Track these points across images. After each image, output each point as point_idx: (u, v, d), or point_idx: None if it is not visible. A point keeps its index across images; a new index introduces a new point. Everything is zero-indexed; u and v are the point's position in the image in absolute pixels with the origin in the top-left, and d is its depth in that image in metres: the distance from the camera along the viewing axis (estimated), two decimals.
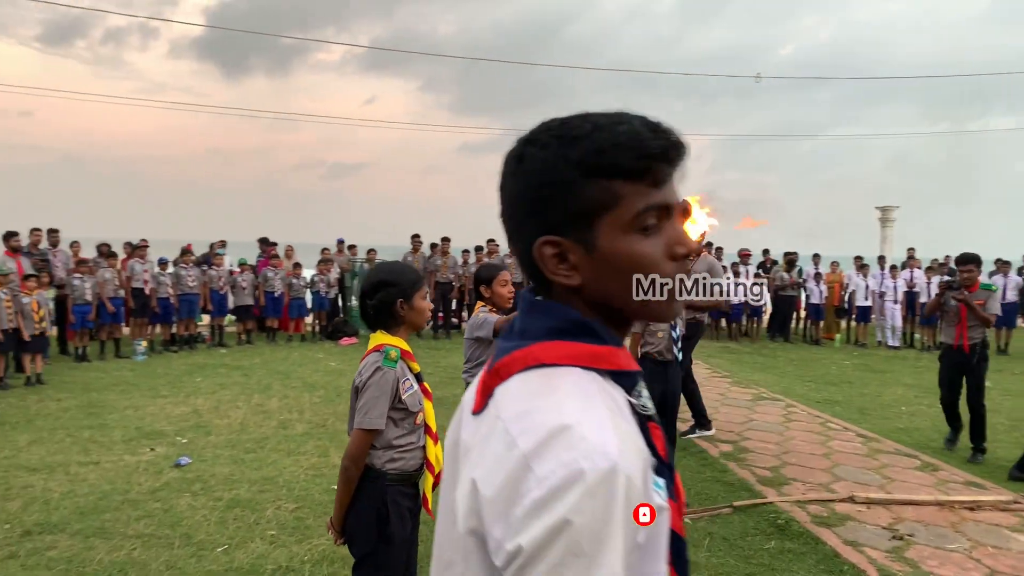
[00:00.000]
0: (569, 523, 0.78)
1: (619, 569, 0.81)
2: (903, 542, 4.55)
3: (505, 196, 0.99)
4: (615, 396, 0.94)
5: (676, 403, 5.34)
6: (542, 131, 0.96)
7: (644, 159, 0.92)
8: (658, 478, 0.94)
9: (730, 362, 12.33)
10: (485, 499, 0.85)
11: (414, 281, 2.73)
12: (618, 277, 0.95)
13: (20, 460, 5.99)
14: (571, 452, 0.81)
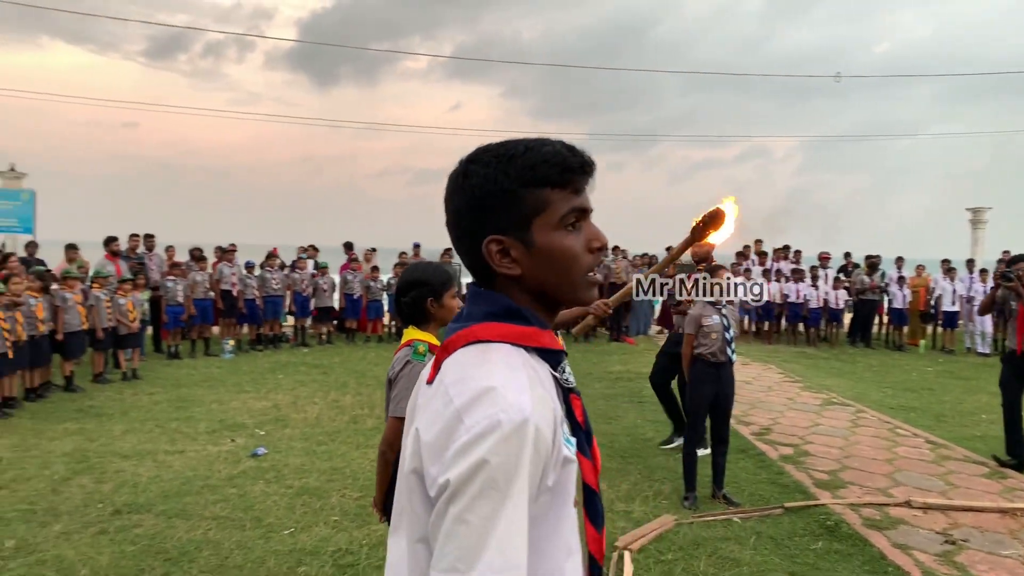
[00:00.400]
0: (487, 462, 0.98)
1: (525, 500, 1.00)
2: (955, 546, 4.50)
3: (452, 207, 1.20)
4: (536, 367, 1.13)
5: (729, 404, 5.39)
6: (482, 153, 1.18)
7: (566, 172, 1.15)
8: (571, 436, 1.12)
9: (804, 367, 12.12)
10: (425, 444, 1.06)
11: (444, 281, 2.94)
12: (550, 267, 1.17)
13: (115, 447, 6.50)
14: (493, 407, 1.01)
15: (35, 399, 8.41)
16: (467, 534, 0.98)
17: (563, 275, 1.17)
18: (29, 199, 14.63)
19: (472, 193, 1.16)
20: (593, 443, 1.23)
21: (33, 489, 5.39)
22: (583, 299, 1.21)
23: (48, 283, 9.07)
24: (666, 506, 5.25)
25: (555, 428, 1.07)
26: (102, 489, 5.40)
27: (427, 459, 1.05)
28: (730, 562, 4.27)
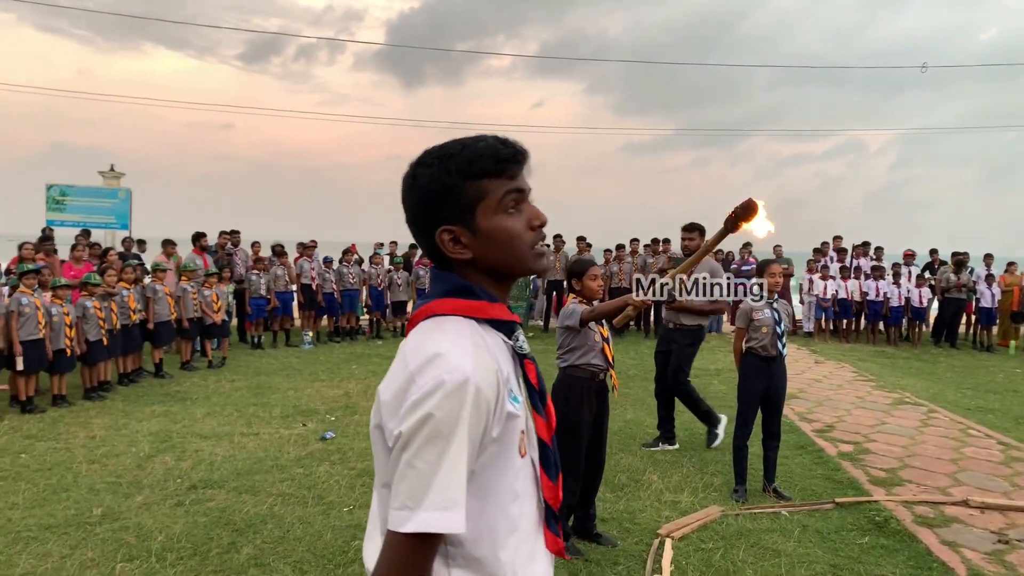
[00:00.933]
0: (432, 415, 1.16)
1: (465, 448, 1.17)
2: (1007, 546, 4.42)
3: (408, 206, 1.38)
4: (485, 336, 1.29)
5: (781, 398, 5.39)
6: (426, 156, 1.36)
7: (500, 162, 1.32)
8: (517, 396, 1.28)
9: (881, 366, 11.81)
10: (384, 402, 1.24)
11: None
12: (496, 246, 1.34)
13: (196, 429, 6.95)
14: (439, 370, 1.18)
15: (128, 383, 9.01)
16: (416, 477, 1.16)
17: (508, 252, 1.34)
18: (126, 197, 15.60)
19: (421, 192, 1.34)
20: (548, 402, 1.39)
21: (120, 464, 5.84)
22: (533, 269, 1.37)
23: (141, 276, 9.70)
24: (715, 498, 5.29)
25: (498, 388, 1.23)
26: (181, 466, 5.81)
27: (386, 415, 1.23)
28: (770, 552, 4.32)
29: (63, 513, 4.79)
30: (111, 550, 4.22)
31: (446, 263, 1.36)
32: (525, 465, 1.32)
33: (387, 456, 1.23)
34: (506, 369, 1.29)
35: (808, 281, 15.04)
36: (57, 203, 15.07)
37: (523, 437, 1.31)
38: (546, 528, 1.39)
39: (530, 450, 1.36)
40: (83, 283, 8.49)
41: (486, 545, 1.25)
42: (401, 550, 1.16)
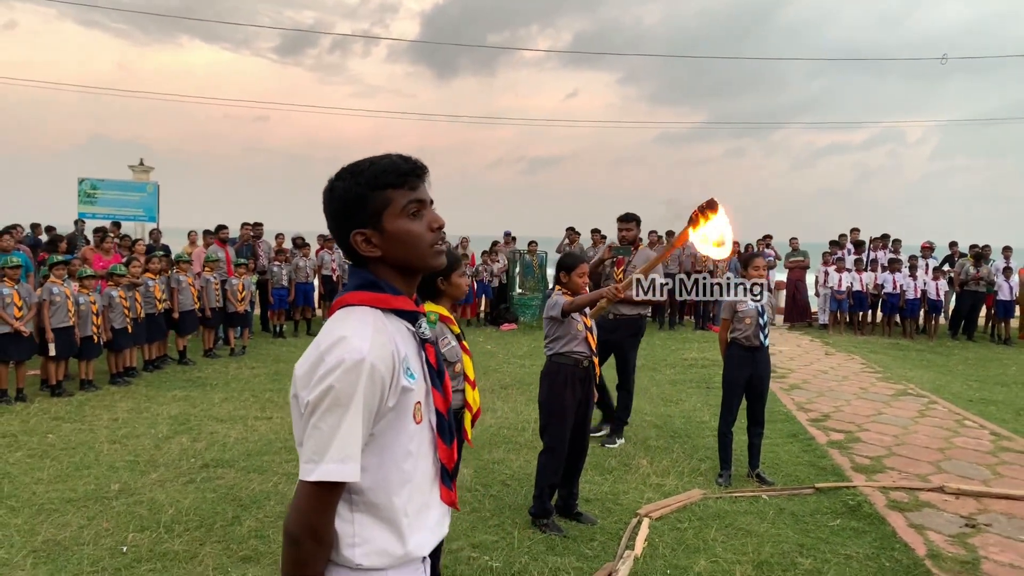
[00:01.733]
0: (333, 387, 1.41)
1: (360, 414, 1.42)
2: (973, 529, 4.59)
3: (328, 213, 1.63)
4: (387, 323, 1.54)
5: (764, 386, 5.58)
6: (342, 172, 1.62)
7: (400, 176, 1.58)
8: (413, 371, 1.54)
9: (892, 359, 11.89)
10: (298, 376, 1.50)
11: (452, 263, 3.39)
12: (401, 245, 1.60)
13: (212, 412, 7.31)
14: (341, 350, 1.44)
15: (152, 370, 9.43)
16: (319, 436, 1.42)
17: (411, 250, 1.59)
18: (154, 191, 16.10)
19: (337, 202, 1.60)
20: (445, 379, 1.65)
21: (140, 444, 6.20)
22: (432, 265, 1.62)
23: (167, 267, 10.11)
24: (700, 483, 5.51)
25: (394, 366, 1.49)
26: (196, 447, 6.15)
27: (299, 387, 1.49)
28: (742, 532, 4.53)
29: (83, 488, 5.14)
30: (125, 522, 4.56)
31: (361, 261, 1.62)
32: (420, 430, 1.58)
33: (299, 421, 1.50)
34: (404, 351, 1.54)
35: (824, 273, 15.09)
36: (88, 196, 15.60)
37: (418, 407, 1.56)
38: (441, 483, 1.65)
39: (428, 416, 1.61)
40: (109, 273, 8.89)
41: (383, 494, 1.51)
42: (309, 496, 1.42)
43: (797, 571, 4.02)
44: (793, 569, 4.04)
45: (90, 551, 4.13)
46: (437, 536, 1.63)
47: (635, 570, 3.98)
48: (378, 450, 1.50)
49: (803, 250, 15.84)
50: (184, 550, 4.17)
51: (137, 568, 3.94)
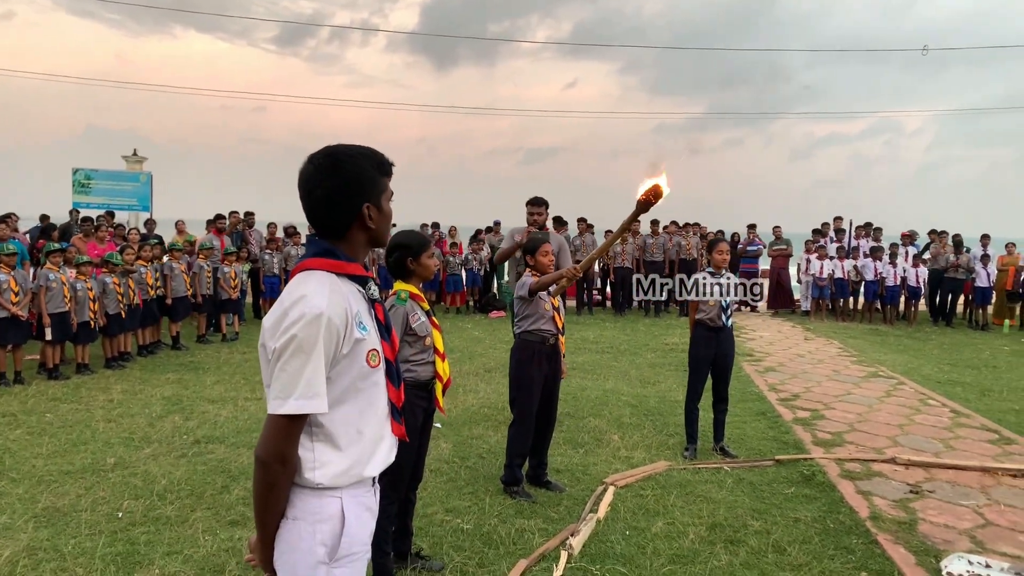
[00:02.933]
0: (296, 336, 1.70)
1: (321, 360, 1.70)
2: (917, 495, 4.89)
3: (327, 185, 1.86)
4: (341, 285, 1.82)
5: (728, 364, 5.86)
6: (344, 151, 1.89)
7: (389, 167, 1.92)
8: (365, 325, 1.82)
9: (869, 343, 12.20)
10: (266, 328, 1.78)
11: (422, 243, 3.66)
12: (385, 223, 1.94)
13: (204, 394, 7.59)
14: (303, 306, 1.72)
15: (146, 355, 9.70)
16: (285, 378, 1.70)
17: (387, 228, 1.96)
18: (147, 181, 16.34)
19: (349, 177, 1.87)
20: (392, 332, 1.95)
21: (134, 423, 6.48)
22: (386, 242, 1.94)
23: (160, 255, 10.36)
24: (667, 455, 5.80)
25: (347, 320, 1.77)
26: (188, 425, 6.43)
27: (267, 337, 1.77)
28: (701, 499, 4.83)
29: (81, 462, 5.42)
30: (120, 491, 4.83)
31: (332, 230, 1.89)
32: (374, 373, 1.86)
33: (267, 366, 1.78)
34: (356, 308, 1.82)
35: (806, 261, 15.40)
36: (83, 186, 15.83)
37: (371, 353, 1.84)
38: (392, 419, 1.94)
39: (382, 363, 1.89)
40: (104, 261, 9.15)
41: (340, 426, 1.79)
42: (277, 427, 1.71)
43: (747, 531, 4.32)
44: (744, 530, 4.34)
45: (88, 516, 4.41)
46: (386, 462, 1.92)
47: (596, 531, 4.27)
48: (335, 389, 1.78)
49: (786, 238, 16.15)
50: (176, 515, 4.45)
51: (132, 531, 4.22)
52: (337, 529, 1.78)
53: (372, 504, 1.90)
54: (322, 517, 1.77)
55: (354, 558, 1.82)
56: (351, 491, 1.82)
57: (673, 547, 4.08)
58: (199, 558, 3.87)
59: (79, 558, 3.85)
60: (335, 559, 1.78)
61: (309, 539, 1.76)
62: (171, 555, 3.90)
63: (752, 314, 15.96)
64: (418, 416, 3.69)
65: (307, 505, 1.78)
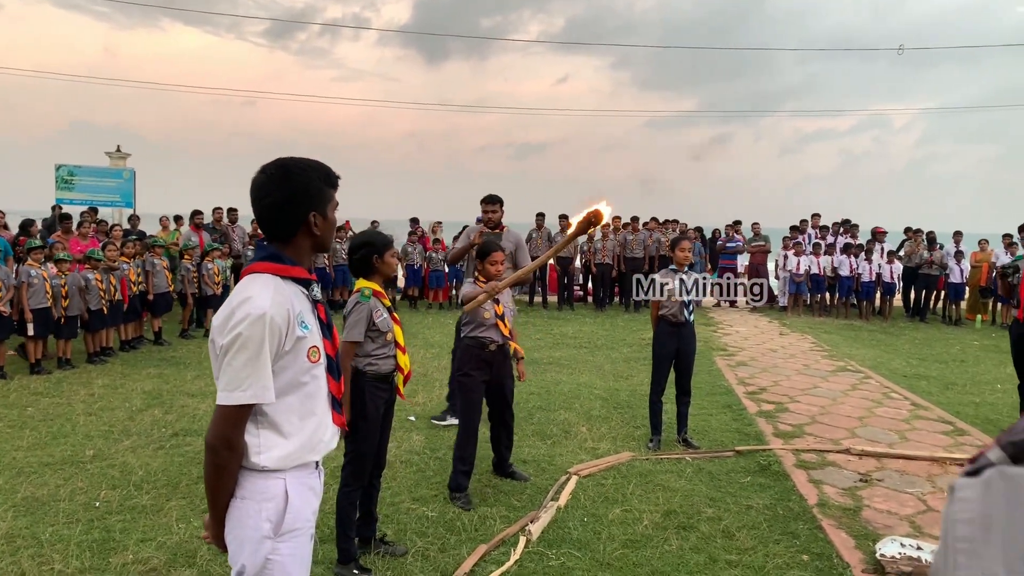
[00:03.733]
0: (241, 334, 1.87)
1: (266, 355, 1.88)
2: (865, 483, 5.11)
3: (273, 193, 2.03)
4: (284, 287, 1.99)
5: (690, 359, 6.04)
6: (295, 163, 2.05)
7: (336, 179, 2.09)
8: (307, 324, 1.99)
9: (843, 338, 12.45)
10: (215, 326, 1.95)
11: (385, 243, 3.84)
12: (329, 231, 2.10)
13: (184, 388, 7.74)
14: (248, 306, 1.89)
15: (129, 350, 9.82)
16: (233, 371, 1.88)
17: (330, 236, 2.13)
18: (130, 177, 16.43)
19: (297, 187, 2.04)
20: (333, 331, 2.12)
21: (114, 416, 6.62)
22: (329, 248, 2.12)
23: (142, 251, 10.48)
24: (632, 447, 6.00)
25: (289, 319, 1.95)
26: (167, 418, 6.58)
27: (216, 334, 1.94)
28: (659, 487, 5.03)
29: (60, 454, 5.56)
30: (98, 481, 4.99)
31: (280, 236, 2.06)
32: (314, 367, 2.04)
33: (216, 360, 1.95)
34: (298, 308, 2.00)
35: (783, 257, 15.65)
36: (66, 182, 15.90)
37: (312, 350, 2.02)
38: (332, 410, 2.11)
39: (322, 357, 2.07)
40: (86, 257, 9.26)
41: (283, 415, 1.97)
42: (225, 416, 1.89)
43: (701, 518, 4.52)
44: (697, 516, 4.54)
45: (66, 506, 4.57)
46: (328, 448, 2.10)
47: (556, 518, 4.47)
48: (279, 382, 1.96)
49: (764, 235, 16.39)
50: (152, 504, 4.61)
51: (108, 519, 4.38)
52: (281, 507, 1.96)
53: (315, 484, 2.08)
54: (267, 496, 1.95)
55: (297, 533, 2.00)
56: (294, 473, 2.00)
57: (627, 532, 4.28)
58: (172, 544, 4.04)
59: (56, 545, 4.01)
60: (279, 534, 1.96)
61: (256, 516, 1.94)
62: (145, 542, 4.07)
63: (731, 309, 16.21)
64: (380, 407, 3.86)
65: (254, 486, 1.95)
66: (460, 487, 4.80)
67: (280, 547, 1.97)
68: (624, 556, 3.99)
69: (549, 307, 15.20)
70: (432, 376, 8.41)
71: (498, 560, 3.92)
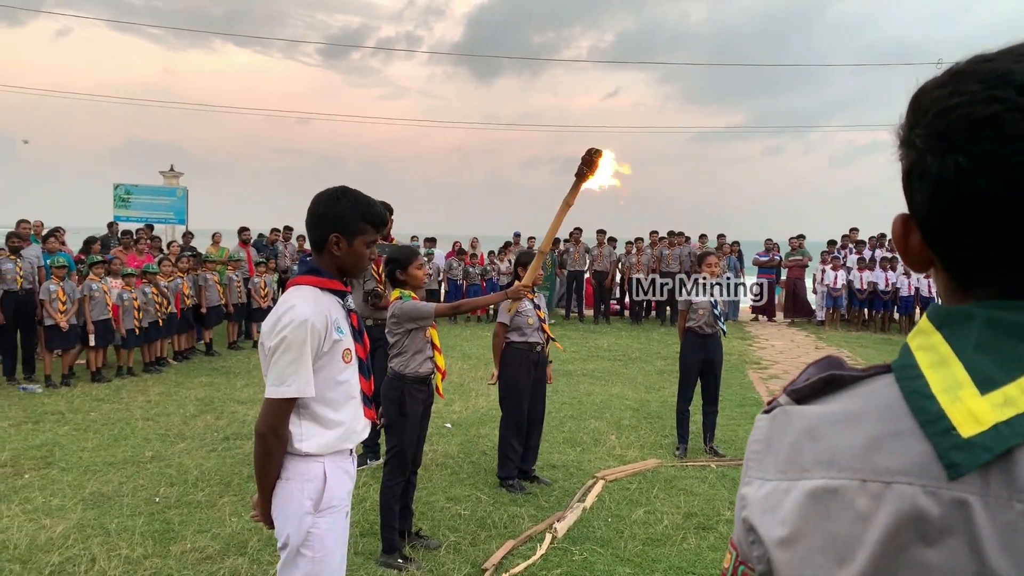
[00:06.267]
0: (287, 337, 2.20)
1: (308, 356, 2.19)
2: None
3: (314, 207, 2.37)
4: (321, 297, 2.31)
5: (717, 369, 6.25)
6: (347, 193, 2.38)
7: (379, 220, 2.38)
8: (342, 329, 2.31)
9: (879, 352, 12.47)
10: (263, 331, 2.28)
11: (407, 256, 4.18)
12: (350, 258, 2.38)
13: (234, 396, 8.16)
14: (292, 313, 2.22)
15: (181, 360, 10.32)
16: (279, 369, 2.20)
17: (355, 264, 2.40)
18: (183, 195, 17.14)
19: (332, 210, 2.36)
20: (364, 336, 2.44)
21: (170, 421, 7.05)
22: (357, 276, 2.43)
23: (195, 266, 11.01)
24: (659, 455, 6.22)
25: (327, 324, 2.26)
26: (219, 423, 6.99)
27: (264, 338, 2.27)
28: (682, 491, 5.25)
29: (122, 455, 5.98)
30: (157, 480, 5.38)
31: (312, 248, 2.39)
32: (348, 367, 2.35)
33: (265, 360, 2.28)
34: (335, 315, 2.32)
35: (821, 271, 15.67)
36: (123, 201, 16.65)
37: (346, 352, 2.34)
38: (364, 405, 2.43)
39: (354, 359, 2.38)
40: (143, 272, 9.79)
41: (321, 407, 2.28)
42: (272, 408, 2.21)
43: (720, 519, 4.73)
44: (716, 518, 4.76)
45: (129, 500, 4.96)
46: (361, 438, 2.43)
47: (581, 518, 4.72)
48: (317, 379, 2.27)
49: (804, 249, 16.41)
50: (206, 500, 4.98)
51: (167, 513, 4.75)
52: (320, 487, 2.27)
53: (349, 468, 2.40)
54: (309, 478, 2.27)
55: (334, 510, 2.31)
56: (332, 458, 2.31)
57: (648, 532, 4.52)
58: (225, 535, 4.39)
59: (122, 534, 4.39)
60: (319, 510, 2.28)
61: (298, 495, 2.26)
62: (201, 533, 4.43)
63: (769, 324, 16.25)
64: (418, 406, 4.17)
65: (297, 468, 2.27)
66: (511, 475, 5.28)
67: (319, 522, 2.28)
68: (644, 553, 4.23)
69: (585, 320, 15.43)
70: (469, 386, 8.73)
71: (525, 554, 4.19)
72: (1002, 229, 0.65)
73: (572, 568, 4.06)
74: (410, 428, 4.16)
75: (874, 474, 0.64)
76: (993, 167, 0.63)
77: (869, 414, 0.67)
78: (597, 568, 4.05)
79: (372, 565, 4.06)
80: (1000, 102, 0.63)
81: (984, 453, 0.60)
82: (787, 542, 0.67)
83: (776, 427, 0.74)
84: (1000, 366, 0.63)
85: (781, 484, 0.70)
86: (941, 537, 0.60)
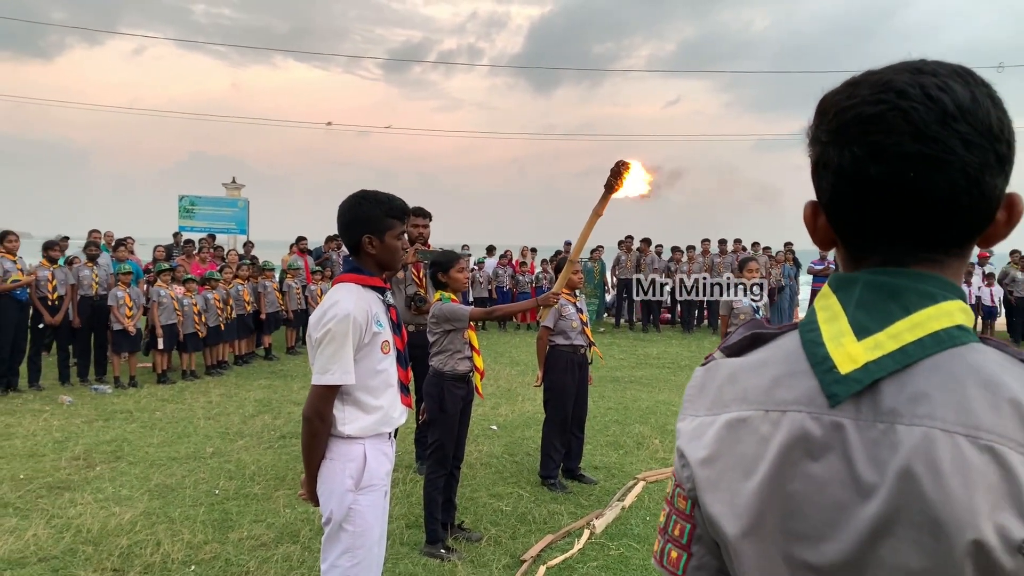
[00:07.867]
0: (331, 329, 2.41)
1: (351, 347, 2.40)
2: None
3: (343, 215, 2.59)
4: (363, 293, 2.52)
5: None
6: (367, 196, 2.58)
7: (404, 214, 2.55)
8: (381, 322, 2.51)
9: None
10: (311, 324, 2.50)
11: (448, 261, 4.38)
12: (386, 253, 2.57)
13: (291, 398, 8.48)
14: (337, 308, 2.44)
15: (242, 364, 10.73)
16: (324, 358, 2.41)
17: (392, 257, 2.60)
18: (244, 206, 17.77)
19: (358, 214, 2.57)
20: (402, 329, 2.63)
21: (230, 421, 7.39)
22: (396, 269, 2.63)
23: (255, 274, 11.45)
24: None
25: (367, 318, 2.47)
26: (276, 423, 7.30)
27: (311, 330, 2.49)
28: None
29: (184, 451, 6.32)
30: (217, 474, 5.68)
31: (355, 253, 2.60)
32: (387, 358, 2.55)
33: (312, 351, 2.49)
34: (375, 310, 2.52)
35: None
36: (188, 211, 17.33)
37: (384, 343, 2.53)
38: (401, 393, 2.62)
39: (392, 350, 2.58)
40: (205, 279, 10.23)
41: (362, 393, 2.48)
42: (318, 394, 2.42)
43: None
44: None
45: (191, 492, 5.26)
46: (398, 423, 2.62)
47: (620, 516, 4.84)
48: (359, 368, 2.47)
49: None
50: (262, 493, 5.25)
51: (226, 504, 5.03)
52: (361, 467, 2.47)
53: (388, 451, 2.60)
54: (350, 458, 2.47)
55: (374, 488, 2.50)
56: (372, 440, 2.51)
57: None
58: (279, 525, 4.64)
59: (184, 522, 4.67)
60: (360, 488, 2.48)
61: (341, 474, 2.46)
62: (257, 522, 4.69)
63: None
64: (458, 403, 4.36)
65: (339, 449, 2.47)
66: (552, 474, 5.44)
67: (360, 499, 2.48)
68: None
69: (635, 328, 15.47)
70: (516, 391, 8.89)
71: (563, 548, 4.33)
72: (885, 209, 0.79)
73: (608, 562, 4.19)
74: (449, 424, 4.34)
75: (774, 405, 0.80)
76: (880, 156, 0.78)
77: (776, 360, 0.83)
78: (632, 563, 4.17)
79: (416, 554, 4.26)
80: (885, 103, 0.78)
81: (855, 384, 0.75)
82: (707, 461, 0.83)
83: (708, 375, 0.90)
84: (874, 318, 0.78)
85: (707, 419, 0.85)
86: (823, 453, 0.76)
